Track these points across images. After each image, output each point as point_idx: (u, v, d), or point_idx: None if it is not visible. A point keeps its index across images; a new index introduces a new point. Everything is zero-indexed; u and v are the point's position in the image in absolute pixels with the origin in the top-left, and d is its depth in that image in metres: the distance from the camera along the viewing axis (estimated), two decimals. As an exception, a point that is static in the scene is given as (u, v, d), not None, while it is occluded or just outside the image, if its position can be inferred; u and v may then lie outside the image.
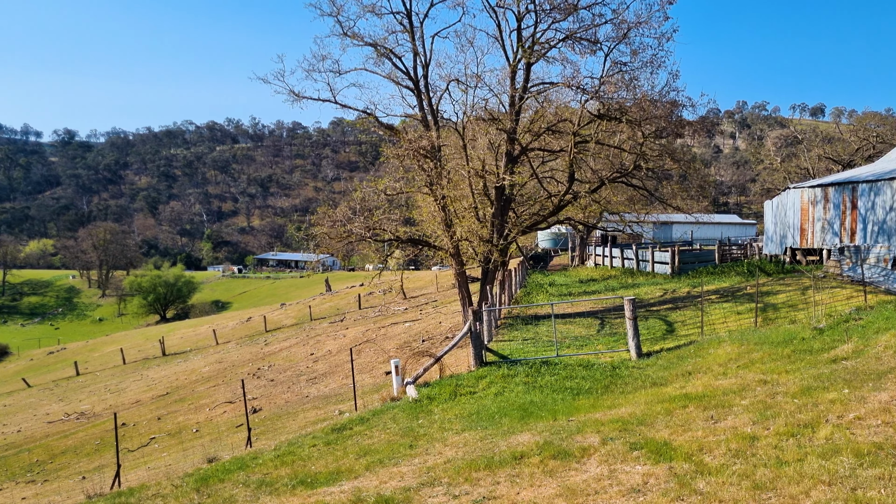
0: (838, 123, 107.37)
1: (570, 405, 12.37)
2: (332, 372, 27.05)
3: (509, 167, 24.29)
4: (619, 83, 23.70)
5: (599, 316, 25.12)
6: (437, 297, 49.76)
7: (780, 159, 68.54)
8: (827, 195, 27.69)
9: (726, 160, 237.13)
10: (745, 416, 8.53)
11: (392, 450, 10.19)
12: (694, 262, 36.92)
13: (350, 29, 24.75)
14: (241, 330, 56.79)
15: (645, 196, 27.68)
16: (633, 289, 32.03)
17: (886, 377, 9.22)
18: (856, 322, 14.39)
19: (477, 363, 17.11)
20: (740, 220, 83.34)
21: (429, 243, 25.99)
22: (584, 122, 24.65)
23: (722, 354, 14.61)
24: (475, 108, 25.90)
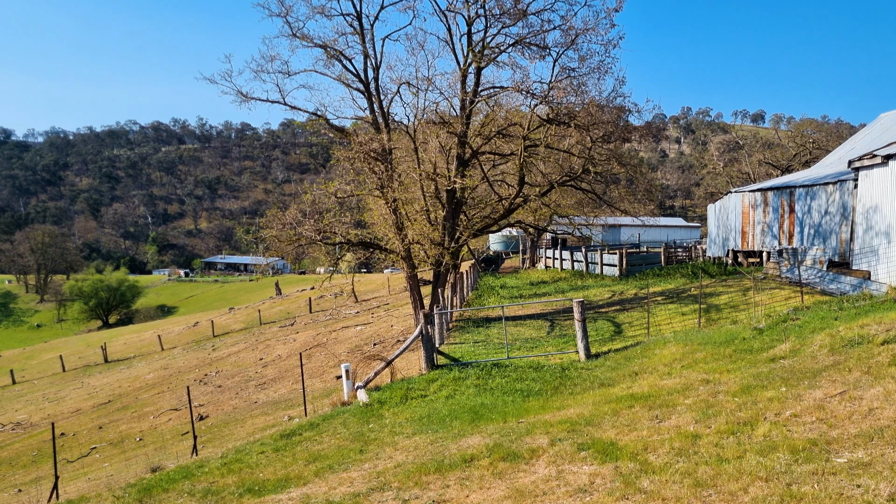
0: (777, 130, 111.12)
1: (520, 407, 12.48)
2: (282, 377, 26.69)
3: (460, 170, 24.40)
4: (567, 88, 24.06)
5: (549, 318, 25.42)
6: (388, 300, 49.59)
7: (723, 164, 70.56)
8: (766, 199, 28.63)
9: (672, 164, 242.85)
10: (689, 415, 8.74)
11: (342, 455, 10.12)
12: (641, 264, 37.69)
13: (299, 30, 24.52)
14: (188, 335, 55.55)
15: (593, 199, 28.16)
16: (583, 291, 32.51)
17: (821, 375, 9.57)
18: (793, 322, 14.90)
19: (428, 366, 17.11)
20: (685, 223, 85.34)
21: (380, 246, 25.90)
22: (534, 127, 24.94)
23: (667, 355, 14.94)
24: (426, 112, 25.97)
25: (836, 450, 6.46)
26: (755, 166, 61.03)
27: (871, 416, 7.32)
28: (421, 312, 17.42)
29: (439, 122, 24.57)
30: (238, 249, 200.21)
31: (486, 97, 25.58)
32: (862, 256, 21.45)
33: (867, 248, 21.12)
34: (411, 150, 26.49)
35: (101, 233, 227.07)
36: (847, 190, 23.02)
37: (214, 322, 56.43)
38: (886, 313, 13.08)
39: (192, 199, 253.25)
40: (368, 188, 25.37)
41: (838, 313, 14.85)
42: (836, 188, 23.76)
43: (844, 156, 30.06)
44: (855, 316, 13.99)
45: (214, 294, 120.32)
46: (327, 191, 24.79)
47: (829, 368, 9.87)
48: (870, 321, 12.38)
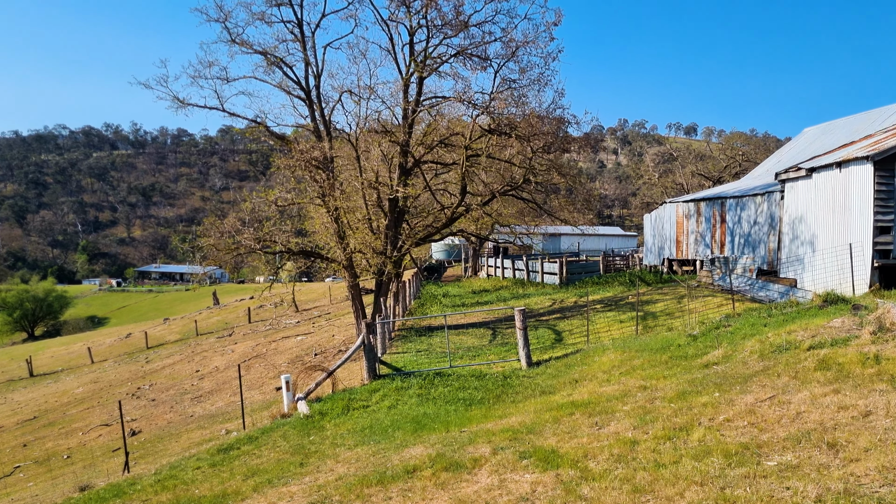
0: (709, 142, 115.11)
1: (462, 416, 12.49)
2: (220, 389, 26.04)
3: (402, 179, 24.38)
4: (508, 99, 24.37)
5: (492, 326, 25.58)
6: (330, 310, 49.04)
7: (658, 175, 72.60)
8: (699, 209, 29.58)
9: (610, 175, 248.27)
10: (627, 422, 8.91)
11: (282, 469, 9.93)
12: (581, 272, 38.36)
13: (238, 36, 24.11)
14: (120, 347, 53.62)
15: (534, 209, 28.54)
16: (524, 299, 32.85)
17: (752, 380, 9.90)
18: (725, 329, 15.39)
19: (370, 376, 16.98)
20: (623, 233, 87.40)
21: (321, 255, 25.60)
22: (476, 137, 25.15)
23: (606, 362, 15.22)
24: (368, 120, 25.87)
25: (766, 453, 6.68)
26: (688, 177, 63.00)
27: (799, 419, 7.60)
28: (363, 322, 17.30)
29: (381, 131, 24.51)
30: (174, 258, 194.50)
31: (428, 107, 25.67)
32: (788, 265, 22.37)
33: (793, 256, 22.04)
34: (353, 159, 26.32)
35: (27, 241, 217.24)
36: (774, 201, 23.99)
37: (148, 333, 54.66)
38: (812, 320, 13.64)
39: (125, 207, 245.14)
40: (310, 197, 25.07)
41: (767, 320, 15.40)
42: (765, 199, 24.75)
43: (772, 168, 31.34)
44: (783, 322, 14.54)
45: (148, 304, 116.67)
46: (267, 199, 24.38)
47: (760, 374, 10.21)
48: (796, 327, 12.89)
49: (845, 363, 9.40)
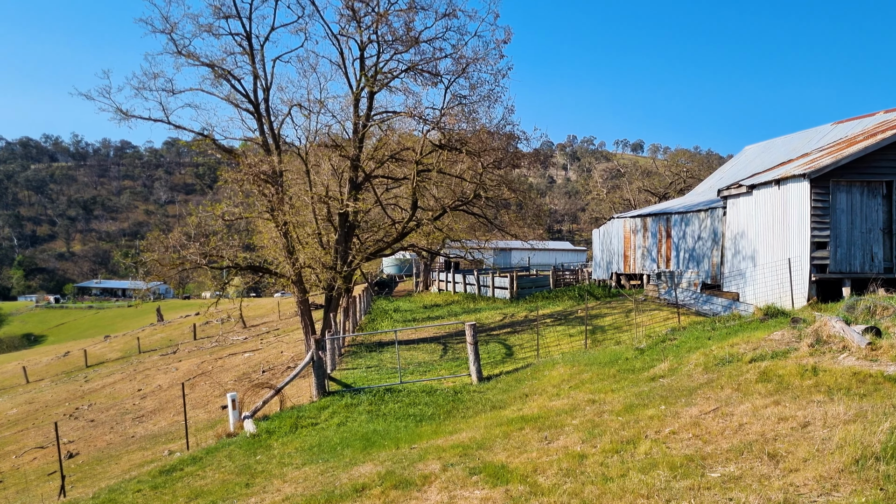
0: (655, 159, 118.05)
1: (413, 432, 12.40)
2: (163, 409, 25.28)
3: (353, 194, 24.23)
4: (459, 115, 24.53)
5: (443, 341, 25.54)
6: (279, 325, 48.25)
7: (606, 191, 74.00)
8: (646, 225, 30.23)
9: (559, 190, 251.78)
10: (576, 436, 8.97)
11: (227, 490, 9.67)
12: (531, 287, 38.67)
13: (185, 48, 23.68)
14: (58, 366, 51.63)
15: (485, 224, 28.71)
16: (475, 314, 32.92)
17: (696, 393, 10.09)
18: (671, 342, 15.68)
19: (319, 393, 16.73)
20: (573, 247, 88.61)
21: (269, 270, 25.20)
22: (427, 152, 25.20)
23: (556, 376, 15.33)
24: (319, 134, 25.66)
25: (710, 465, 6.79)
26: (635, 193, 64.37)
27: (741, 431, 7.77)
28: (312, 338, 17.05)
29: (331, 146, 24.34)
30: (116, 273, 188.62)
31: (379, 121, 25.64)
32: (731, 279, 23.00)
33: (736, 271, 22.67)
34: (303, 173, 26.06)
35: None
36: (717, 217, 24.69)
37: (88, 351, 52.79)
38: (753, 332, 14.01)
39: (64, 220, 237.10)
40: (258, 211, 24.69)
41: (711, 333, 15.75)
42: (708, 215, 25.44)
43: (714, 185, 32.25)
44: (726, 335, 14.89)
45: (89, 321, 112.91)
46: (214, 213, 23.91)
47: (704, 386, 10.42)
48: (739, 340, 13.22)
49: (785, 375, 9.66)
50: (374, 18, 23.23)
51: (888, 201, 18.67)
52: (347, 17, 23.71)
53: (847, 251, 18.62)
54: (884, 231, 18.65)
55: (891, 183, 18.64)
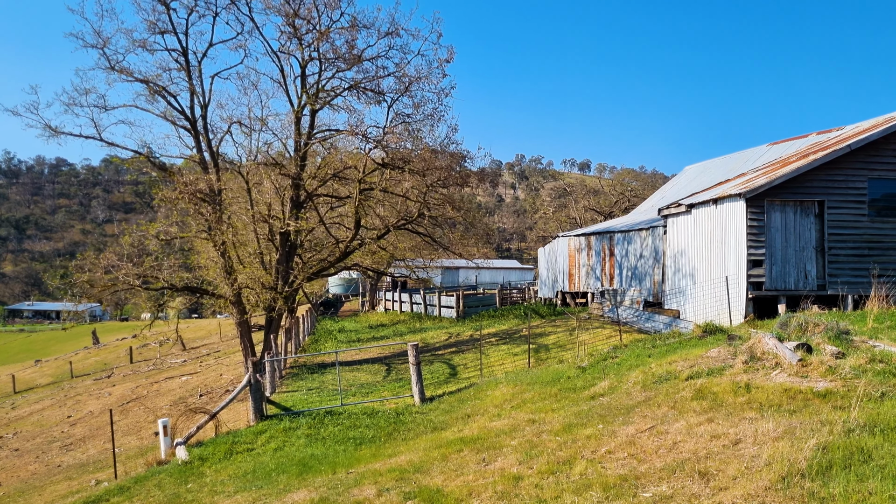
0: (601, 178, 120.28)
1: (351, 456, 12.10)
2: (93, 436, 24.18)
3: (294, 213, 23.79)
4: (402, 134, 24.47)
5: (387, 362, 25.21)
6: (220, 347, 47.00)
7: (552, 209, 74.96)
8: (590, 243, 30.58)
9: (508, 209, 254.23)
10: (513, 457, 8.82)
11: (150, 523, 9.18)
12: (478, 305, 38.63)
13: (118, 63, 23.01)
14: (-16, 393, 49.10)
15: (429, 243, 28.59)
16: (421, 333, 32.67)
17: (634, 411, 10.07)
18: (612, 360, 15.73)
19: (257, 417, 16.23)
20: (520, 266, 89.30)
21: (207, 291, 24.48)
22: (370, 170, 24.98)
23: (498, 396, 15.20)
24: (260, 153, 25.20)
25: (643, 484, 6.72)
26: (581, 212, 65.32)
27: (675, 449, 7.74)
28: (249, 360, 16.57)
29: (272, 164, 23.90)
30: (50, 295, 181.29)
31: (321, 139, 25.35)
32: (672, 296, 23.37)
33: (676, 288, 23.05)
34: (244, 192, 25.53)
35: None
36: (658, 235, 25.12)
37: (16, 376, 50.32)
38: (691, 350, 14.13)
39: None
40: (195, 231, 24.01)
41: (651, 350, 15.86)
42: (649, 233, 25.87)
43: (656, 204, 32.91)
44: (665, 353, 15.01)
45: (19, 345, 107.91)
46: (148, 233, 23.14)
47: (641, 404, 10.41)
48: (677, 358, 13.30)
49: (719, 392, 9.72)
50: (316, 36, 23.03)
51: (820, 220, 19.27)
52: (288, 35, 23.46)
53: (782, 269, 19.11)
54: (816, 249, 19.22)
55: (822, 202, 19.25)
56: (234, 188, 26.68)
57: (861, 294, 18.59)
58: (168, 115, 24.26)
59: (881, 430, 7.01)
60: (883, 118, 21.98)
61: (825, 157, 19.02)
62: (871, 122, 22.87)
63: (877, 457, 6.29)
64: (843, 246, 19.21)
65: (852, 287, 18.96)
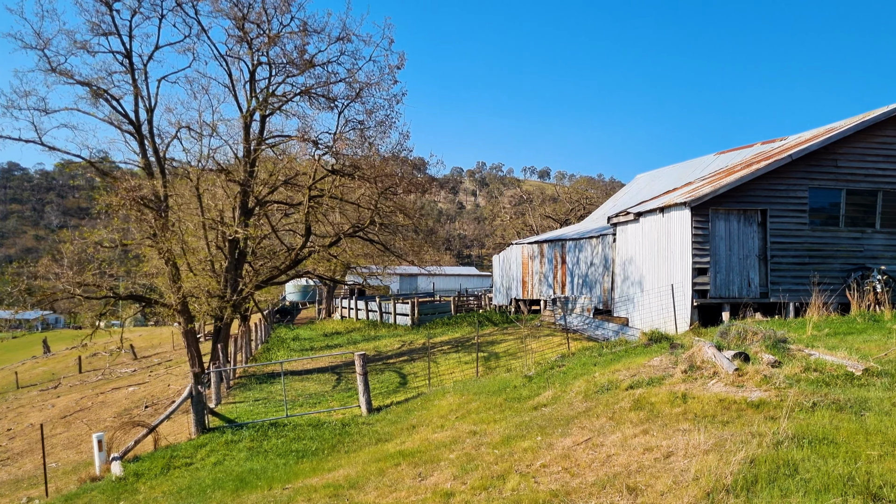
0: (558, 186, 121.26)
1: (290, 471, 11.81)
2: (32, 450, 23.27)
3: (242, 220, 23.33)
4: (353, 140, 24.23)
5: (338, 371, 24.86)
6: (172, 356, 45.87)
7: (510, 217, 75.30)
8: (542, 251, 30.70)
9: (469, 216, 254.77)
10: (449, 471, 8.67)
11: (71, 545, 8.78)
12: (432, 313, 38.45)
13: (60, 65, 22.30)
14: (-80, 406, 47.02)
15: (382, 251, 28.37)
16: (375, 341, 32.37)
17: (573, 422, 10.01)
18: (559, 369, 15.69)
19: (199, 430, 15.78)
20: (478, 272, 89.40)
21: (150, 300, 23.84)
22: (320, 177, 24.65)
23: (445, 406, 15.04)
24: (209, 158, 24.68)
25: (573, 501, 6.63)
26: (538, 219, 65.75)
27: (608, 463, 7.67)
28: (191, 371, 16.13)
29: (220, 170, 23.42)
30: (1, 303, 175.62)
31: (271, 145, 24.97)
32: (621, 304, 23.55)
33: (625, 296, 23.23)
34: (191, 198, 24.98)
35: None
36: (608, 243, 25.31)
37: (-43, 388, 48.43)
38: (635, 358, 14.19)
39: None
40: (140, 238, 23.37)
41: (598, 359, 15.88)
42: (599, 241, 26.06)
43: (608, 212, 33.20)
44: (611, 361, 15.05)
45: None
46: (90, 240, 22.42)
47: (581, 415, 10.36)
48: (621, 367, 13.32)
49: (657, 403, 9.72)
50: (265, 41, 22.67)
51: (763, 228, 19.62)
52: (238, 39, 23.06)
53: (726, 277, 19.40)
54: (759, 257, 19.56)
55: (765, 211, 19.61)
56: (185, 194, 26.09)
57: (802, 301, 18.98)
58: (113, 118, 23.61)
59: (809, 441, 7.03)
60: (824, 129, 22.54)
61: (767, 167, 19.39)
62: (812, 132, 23.44)
63: (802, 470, 6.29)
64: (784, 254, 19.60)
65: (794, 295, 19.35)
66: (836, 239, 19.87)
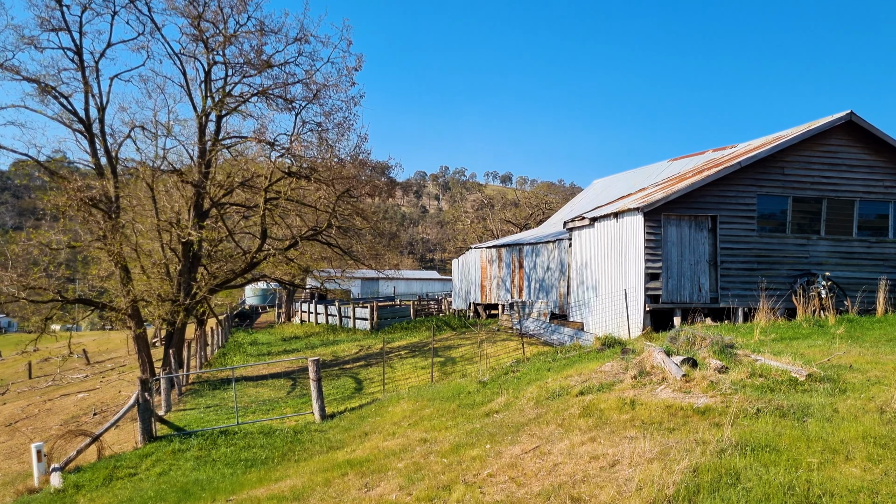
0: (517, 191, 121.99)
1: (237, 481, 11.54)
2: (-29, 461, 22.42)
3: (195, 222, 22.85)
4: (310, 142, 23.98)
5: (294, 376, 24.52)
6: (126, 362, 44.74)
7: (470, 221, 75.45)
8: (500, 255, 30.76)
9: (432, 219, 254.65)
10: (396, 481, 8.55)
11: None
12: (392, 317, 38.25)
13: (8, 60, 21.61)
14: None
15: (339, 254, 28.11)
16: (333, 346, 32.05)
17: (523, 430, 9.96)
18: (513, 374, 15.68)
19: (145, 439, 15.37)
20: (440, 276, 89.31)
21: (99, 303, 23.18)
22: (276, 179, 24.32)
23: (398, 412, 14.91)
24: (164, 159, 24.15)
25: (516, 511, 6.56)
26: (499, 224, 66.01)
27: (554, 471, 7.63)
28: (138, 378, 15.69)
29: (173, 171, 22.92)
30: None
31: (227, 146, 24.56)
32: (576, 309, 23.70)
33: (580, 301, 23.39)
34: (145, 199, 24.39)
35: None
36: (564, 248, 25.47)
37: None
38: (588, 364, 14.23)
39: None
40: (90, 240, 22.71)
41: (552, 364, 15.90)
42: (556, 246, 26.21)
43: (565, 217, 33.46)
44: (564, 367, 15.08)
45: None
46: (34, 241, 21.70)
47: (532, 422, 10.32)
48: (573, 372, 13.35)
49: (605, 409, 9.73)
50: (222, 40, 22.27)
51: (713, 234, 19.94)
52: (194, 37, 22.62)
53: (678, 282, 19.66)
54: (710, 263, 19.87)
55: (715, 217, 19.94)
56: (140, 196, 25.49)
57: (751, 307, 19.33)
58: (63, 117, 22.94)
59: (752, 449, 7.07)
60: (772, 136, 23.04)
61: (717, 174, 19.72)
62: (761, 140, 23.94)
63: (744, 479, 6.31)
64: (734, 260, 19.95)
65: (742, 300, 19.71)
66: (783, 245, 20.30)
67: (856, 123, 20.47)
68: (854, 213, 20.86)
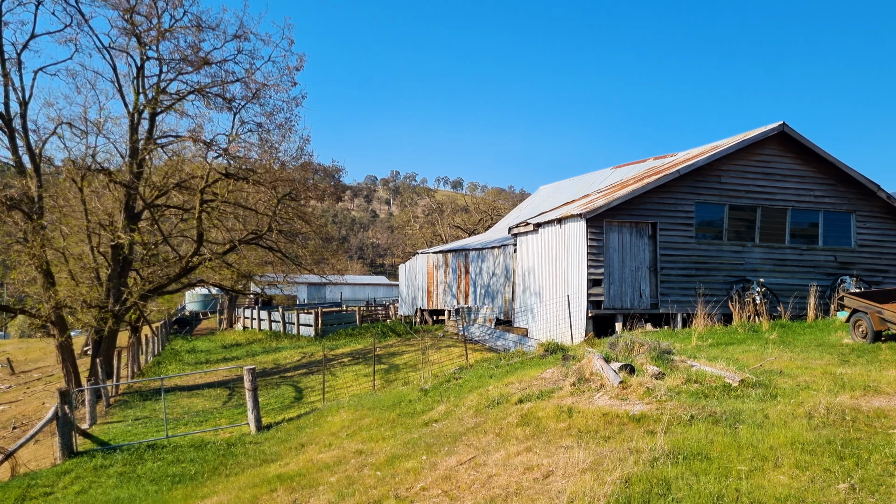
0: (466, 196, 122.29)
1: (161, 499, 10.97)
2: None
3: (127, 224, 21.92)
4: (250, 143, 23.33)
5: (231, 385, 23.76)
6: (54, 372, 42.77)
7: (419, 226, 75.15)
8: (447, 261, 30.56)
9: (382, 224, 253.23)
10: (326, 497, 8.20)
11: None
12: (338, 323, 37.59)
13: (-80, 50, 20.33)
14: None
15: (281, 259, 27.44)
16: (275, 353, 31.29)
17: (461, 440, 9.70)
18: (456, 382, 15.42)
19: (65, 454, 14.54)
20: (388, 282, 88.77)
21: (17, 309, 22.02)
22: (213, 180, 23.56)
23: (337, 422, 14.49)
24: (94, 157, 23.11)
25: (445, 528, 6.29)
26: (448, 229, 65.87)
27: (489, 484, 7.39)
28: (58, 389, 14.85)
29: (101, 170, 21.94)
30: None
31: (162, 145, 23.66)
32: (521, 314, 23.64)
33: (525, 307, 23.33)
34: (76, 200, 23.31)
35: None
36: (509, 254, 25.42)
37: None
38: (530, 370, 14.08)
39: None
40: (9, 241, 21.54)
41: (494, 371, 15.72)
42: (501, 252, 26.14)
43: (511, 222, 33.49)
44: (506, 373, 14.90)
45: None
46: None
47: (470, 432, 10.08)
48: (514, 379, 13.17)
49: (543, 418, 9.56)
50: (156, 35, 21.47)
51: (653, 241, 20.14)
52: (125, 31, 21.75)
53: (619, 288, 19.76)
54: (650, 269, 20.05)
55: (655, 224, 20.14)
56: (70, 197, 24.35)
57: (689, 312, 19.58)
58: (-20, 111, 21.69)
59: (684, 457, 6.97)
60: (710, 146, 23.47)
61: (657, 182, 19.94)
62: (699, 149, 24.38)
63: (675, 489, 6.19)
64: (673, 266, 20.19)
65: (682, 306, 19.94)
66: (719, 252, 20.66)
67: (788, 134, 21.01)
68: (786, 222, 21.40)
